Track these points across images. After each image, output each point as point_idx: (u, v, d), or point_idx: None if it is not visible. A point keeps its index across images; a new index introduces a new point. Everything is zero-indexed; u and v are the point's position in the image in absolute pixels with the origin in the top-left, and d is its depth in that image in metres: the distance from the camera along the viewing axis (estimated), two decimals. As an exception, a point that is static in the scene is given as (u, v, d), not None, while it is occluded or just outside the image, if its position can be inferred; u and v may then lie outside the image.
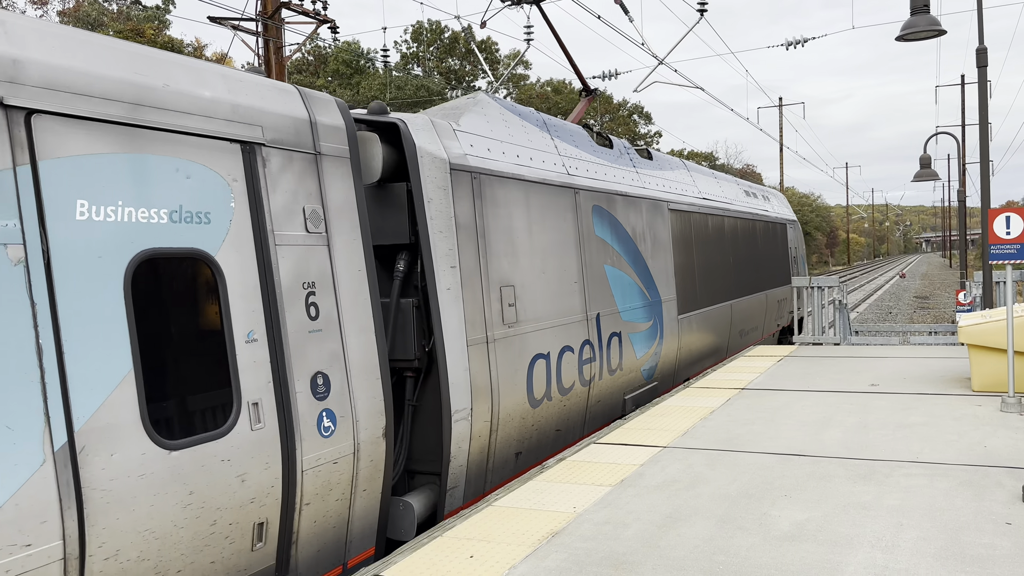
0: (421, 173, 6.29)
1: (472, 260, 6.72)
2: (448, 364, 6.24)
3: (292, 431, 4.79)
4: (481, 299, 6.77)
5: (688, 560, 4.58)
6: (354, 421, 5.27)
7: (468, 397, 6.44)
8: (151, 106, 4.26)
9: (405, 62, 50.31)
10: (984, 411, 8.11)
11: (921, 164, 20.96)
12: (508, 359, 7.06)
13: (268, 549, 4.68)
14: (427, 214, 6.28)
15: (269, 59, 17.54)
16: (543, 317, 7.70)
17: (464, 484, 6.55)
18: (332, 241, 5.33)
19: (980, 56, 14.09)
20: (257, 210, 4.81)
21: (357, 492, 5.32)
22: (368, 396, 5.41)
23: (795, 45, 24.98)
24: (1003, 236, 8.29)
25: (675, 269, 11.18)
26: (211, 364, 4.42)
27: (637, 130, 58.24)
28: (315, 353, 5.04)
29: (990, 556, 4.46)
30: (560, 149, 8.85)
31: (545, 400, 7.65)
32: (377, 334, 5.58)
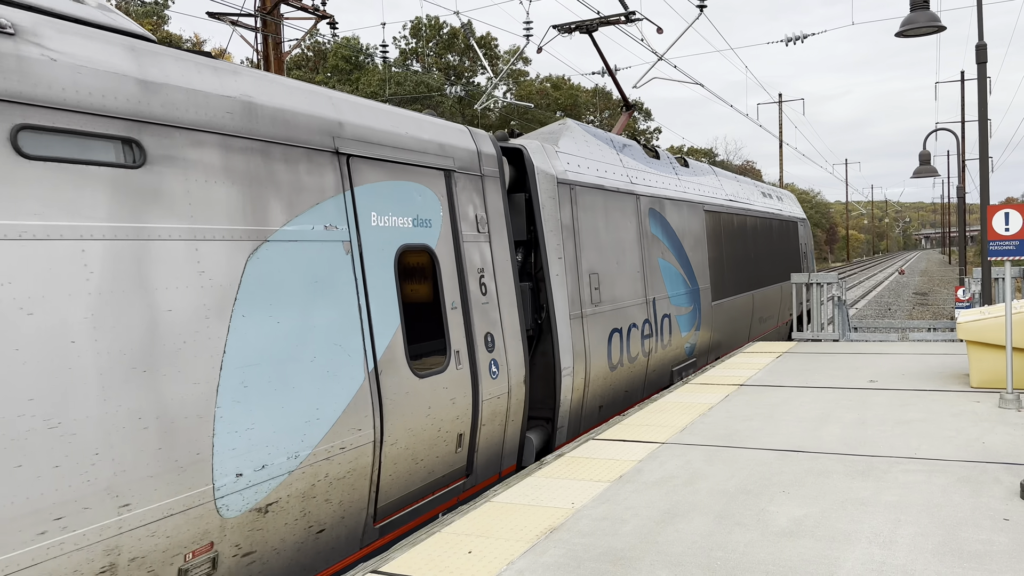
0: (537, 186, 8.14)
1: (571, 253, 8.58)
2: (558, 333, 8.15)
3: (476, 373, 6.69)
4: (576, 284, 8.62)
5: (686, 556, 4.58)
6: (507, 370, 7.18)
7: (571, 359, 8.34)
8: (402, 148, 6.18)
9: (404, 58, 50.26)
10: (982, 407, 8.12)
11: (921, 160, 20.96)
12: (594, 331, 8.88)
13: (462, 454, 6.58)
14: (541, 217, 8.13)
15: (268, 55, 17.51)
16: (616, 299, 9.51)
17: (567, 426, 8.39)
18: (491, 238, 7.28)
19: (979, 52, 14.08)
20: (453, 217, 6.70)
21: (508, 421, 7.26)
22: (515, 352, 7.33)
23: (795, 41, 24.97)
24: (1002, 232, 8.29)
25: (709, 262, 12.85)
26: (436, 323, 6.30)
27: (636, 126, 58.21)
28: (485, 319, 6.93)
29: (988, 552, 4.47)
30: (624, 162, 10.68)
31: (619, 365, 9.51)
32: (518, 308, 7.50)
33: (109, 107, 4.10)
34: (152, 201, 4.26)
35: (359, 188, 5.66)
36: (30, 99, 3.75)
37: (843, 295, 14.48)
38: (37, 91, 3.78)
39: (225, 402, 4.45)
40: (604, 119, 57.89)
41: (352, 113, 5.76)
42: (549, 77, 55.90)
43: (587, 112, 56.05)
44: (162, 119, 4.37)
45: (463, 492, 6.76)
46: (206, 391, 4.34)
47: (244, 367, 4.59)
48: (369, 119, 5.92)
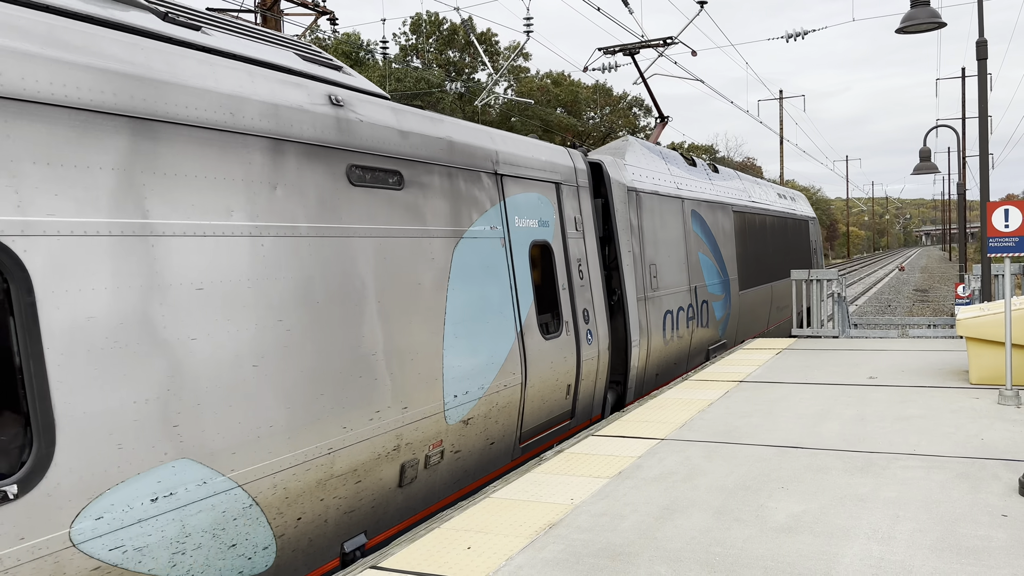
0: (612, 193, 9.94)
1: (637, 247, 10.42)
2: (629, 312, 10.00)
3: (579, 339, 8.60)
4: (640, 272, 10.44)
5: (685, 551, 4.59)
6: (598, 338, 9.07)
7: (638, 333, 10.21)
8: (530, 167, 8.15)
9: (404, 54, 50.19)
10: (981, 404, 8.13)
11: (921, 157, 20.94)
12: (654, 312, 10.75)
13: (568, 400, 8.52)
14: (616, 218, 9.93)
15: (268, 51, 17.47)
16: (668, 286, 11.34)
17: (634, 388, 10.23)
18: (584, 236, 9.16)
19: (980, 49, 14.07)
20: (561, 218, 8.63)
21: (597, 379, 9.14)
22: (602, 325, 9.25)
23: (795, 38, 24.92)
24: (1002, 229, 8.29)
25: (736, 256, 14.52)
26: (553, 299, 8.30)
27: (637, 123, 58.15)
28: (583, 298, 8.85)
29: (986, 548, 4.48)
30: (671, 170, 12.39)
31: (671, 341, 11.37)
32: (603, 290, 9.46)
33: (387, 150, 6.04)
34: (409, 211, 6.20)
35: (508, 199, 7.66)
36: (352, 147, 5.68)
37: (843, 292, 14.48)
38: (354, 141, 5.71)
39: (447, 346, 6.42)
40: (604, 115, 57.84)
41: (502, 143, 7.78)
42: (550, 73, 55.83)
43: (587, 109, 56.00)
44: (410, 156, 6.28)
45: (568, 430, 8.75)
46: (438, 338, 6.33)
47: (455, 323, 6.55)
48: (511, 147, 7.95)
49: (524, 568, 4.46)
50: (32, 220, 3.71)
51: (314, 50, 6.50)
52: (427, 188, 6.43)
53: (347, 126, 5.67)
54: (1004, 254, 8.25)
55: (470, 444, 6.76)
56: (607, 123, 56.84)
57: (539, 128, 46.37)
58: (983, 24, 14.22)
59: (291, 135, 5.23)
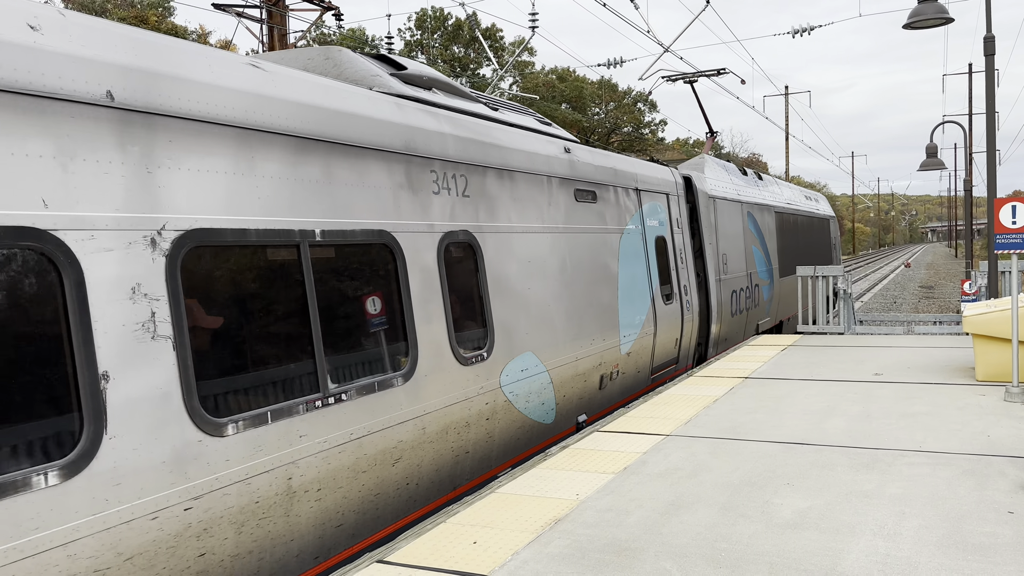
0: (699, 199, 13.12)
1: (713, 240, 13.46)
2: (711, 290, 13.07)
3: (682, 306, 11.76)
4: (716, 259, 13.45)
5: (690, 547, 4.60)
6: (693, 307, 12.25)
7: (717, 306, 13.27)
8: (653, 182, 11.19)
9: (409, 49, 50.14)
10: (988, 401, 8.11)
11: (927, 153, 20.87)
12: (725, 291, 13.79)
13: (675, 351, 11.57)
14: (701, 218, 13.12)
15: (273, 46, 17.49)
16: (733, 272, 14.32)
17: (712, 349, 13.19)
18: (683, 231, 12.30)
19: (987, 44, 14.00)
20: (670, 218, 11.69)
21: (692, 337, 12.29)
22: (694, 298, 12.41)
23: (801, 33, 24.84)
24: (1009, 225, 8.26)
25: (776, 249, 17.62)
26: (667, 277, 11.22)
27: (642, 118, 58.02)
28: (684, 276, 12.03)
29: (992, 545, 4.47)
30: (732, 180, 15.43)
31: (735, 315, 14.35)
32: (695, 272, 12.63)
33: (589, 178, 9.27)
34: (599, 216, 9.43)
35: (644, 206, 10.85)
36: (575, 177, 8.90)
37: (848, 288, 14.45)
38: (576, 174, 8.92)
39: (620, 303, 9.66)
40: (609, 111, 57.73)
41: (639, 168, 11.04)
42: (555, 69, 55.72)
43: (592, 104, 55.88)
44: (600, 181, 9.57)
45: (675, 371, 11.81)
46: (615, 298, 9.56)
47: (622, 289, 9.74)
48: (644, 170, 11.19)
49: (530, 563, 4.46)
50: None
51: (539, 116, 10.11)
52: (606, 201, 9.72)
53: (573, 165, 8.99)
54: (1012, 251, 8.22)
55: (629, 369, 10.02)
56: (612, 119, 56.74)
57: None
58: (991, 19, 14.15)
59: (554, 173, 8.51)
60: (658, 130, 60.26)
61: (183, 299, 4.24)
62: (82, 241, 3.77)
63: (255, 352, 4.72)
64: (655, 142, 60.30)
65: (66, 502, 3.56)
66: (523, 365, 7.38)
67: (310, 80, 5.53)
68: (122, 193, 4.01)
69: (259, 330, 4.77)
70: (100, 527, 3.68)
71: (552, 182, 8.36)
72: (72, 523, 3.57)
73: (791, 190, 21.11)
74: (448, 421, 6.31)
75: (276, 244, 4.90)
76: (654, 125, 59.65)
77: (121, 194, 4.00)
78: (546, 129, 9.44)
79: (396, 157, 6.10)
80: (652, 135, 59.76)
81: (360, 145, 5.74)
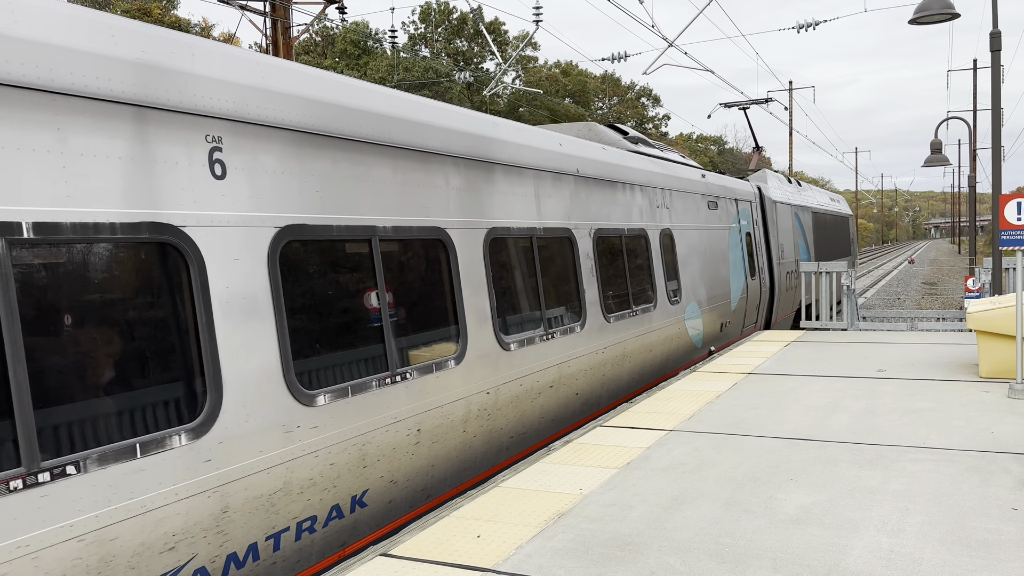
0: (765, 204, 17.32)
1: (774, 235, 17.54)
2: (774, 272, 17.41)
3: (760, 282, 16.28)
4: (777, 249, 17.52)
5: (694, 542, 4.60)
6: (767, 284, 16.88)
7: (779, 283, 17.58)
8: (743, 193, 15.82)
9: (413, 43, 50.06)
10: (992, 397, 8.10)
11: (932, 149, 20.81)
12: (782, 273, 17.88)
13: (755, 315, 16.08)
14: (766, 218, 17.25)
15: (277, 39, 17.46)
16: (786, 259, 18.41)
17: (772, 319, 17.34)
18: (759, 228, 16.65)
19: (993, 40, 13.95)
20: (752, 218, 16.16)
21: (762, 305, 16.54)
22: (765, 276, 16.72)
23: (806, 28, 24.76)
24: (1014, 222, 8.24)
25: (813, 242, 21.80)
26: (752, 259, 15.77)
27: (645, 113, 57.92)
28: (761, 259, 16.49)
29: (996, 541, 4.47)
30: (782, 187, 19.26)
31: (787, 291, 18.47)
32: (767, 257, 17.14)
33: (712, 192, 13.72)
34: (718, 217, 13.81)
35: (739, 209, 15.05)
36: (706, 193, 13.37)
37: (852, 284, 14.44)
38: (706, 191, 13.49)
39: (730, 276, 14.12)
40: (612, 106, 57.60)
41: (734, 184, 15.20)
42: (558, 63, 55.59)
43: (596, 99, 55.78)
44: (717, 194, 13.90)
45: (754, 328, 15.94)
46: (727, 272, 13.92)
47: (731, 268, 14.16)
48: (738, 185, 15.41)
49: (533, 557, 4.47)
50: None
51: (674, 150, 14.31)
52: (719, 207, 13.87)
53: (705, 184, 13.35)
54: (1016, 247, 8.20)
55: (734, 322, 14.31)
56: (615, 113, 56.63)
57: (547, 118, 46.22)
58: (997, 15, 14.10)
59: (696, 191, 12.75)
60: (661, 125, 60.14)
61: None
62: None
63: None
64: (658, 137, 60.22)
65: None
66: (691, 309, 11.99)
67: (594, 146, 9.72)
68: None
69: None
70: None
71: (698, 198, 12.91)
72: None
73: (821, 194, 26.15)
74: (667, 334, 11.04)
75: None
76: (657, 120, 59.55)
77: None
78: (689, 161, 14.35)
79: (640, 187, 10.60)
80: (655, 130, 59.66)
81: (625, 182, 10.16)
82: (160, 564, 4.00)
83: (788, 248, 18.70)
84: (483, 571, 4.33)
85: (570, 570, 4.29)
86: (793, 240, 19.24)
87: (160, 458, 4.02)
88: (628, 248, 9.86)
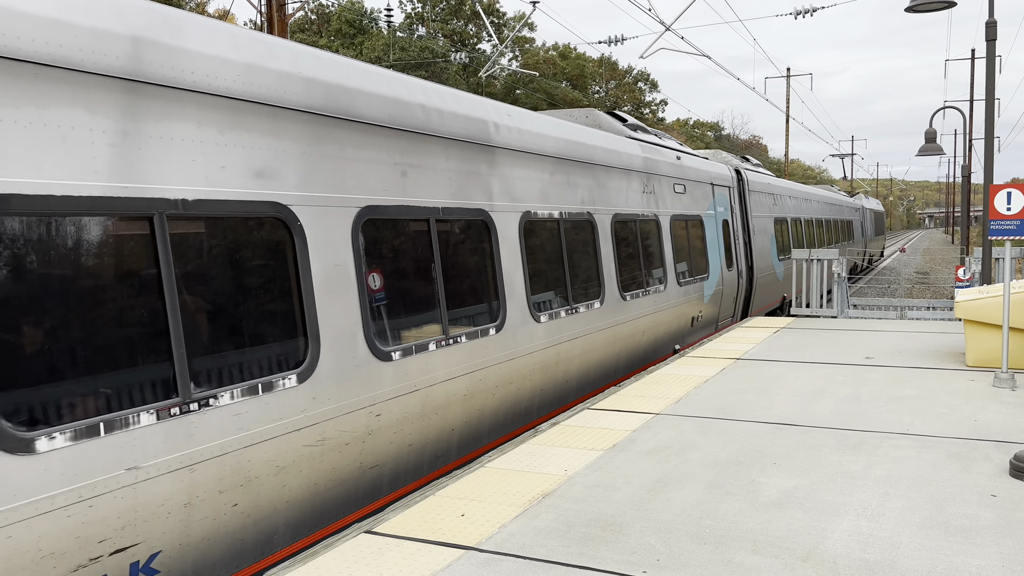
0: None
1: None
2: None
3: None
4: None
5: (676, 523, 4.64)
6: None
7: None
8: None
9: (410, 22, 49.70)
10: (977, 386, 8.16)
11: (926, 138, 20.82)
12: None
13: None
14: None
15: (272, 17, 17.30)
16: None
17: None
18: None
19: (989, 29, 13.93)
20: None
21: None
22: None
23: (804, 14, 24.69)
24: (1004, 212, 8.27)
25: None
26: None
27: (642, 98, 57.72)
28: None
29: (974, 527, 4.52)
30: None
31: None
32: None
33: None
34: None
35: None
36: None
37: (843, 271, 14.48)
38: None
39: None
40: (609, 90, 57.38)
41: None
42: (555, 46, 55.29)
43: (593, 83, 55.56)
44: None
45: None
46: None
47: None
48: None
49: (516, 536, 4.50)
50: None
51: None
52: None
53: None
54: (1005, 237, 8.23)
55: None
56: (612, 97, 56.42)
57: (544, 102, 46.03)
58: (993, 4, 14.06)
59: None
60: (658, 110, 59.96)
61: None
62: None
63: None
64: (655, 122, 60.02)
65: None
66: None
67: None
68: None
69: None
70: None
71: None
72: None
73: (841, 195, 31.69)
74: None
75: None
76: (655, 105, 59.36)
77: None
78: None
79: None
80: (652, 115, 59.48)
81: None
82: None
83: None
84: (466, 549, 4.36)
85: (552, 549, 4.32)
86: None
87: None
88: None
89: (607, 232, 9.69)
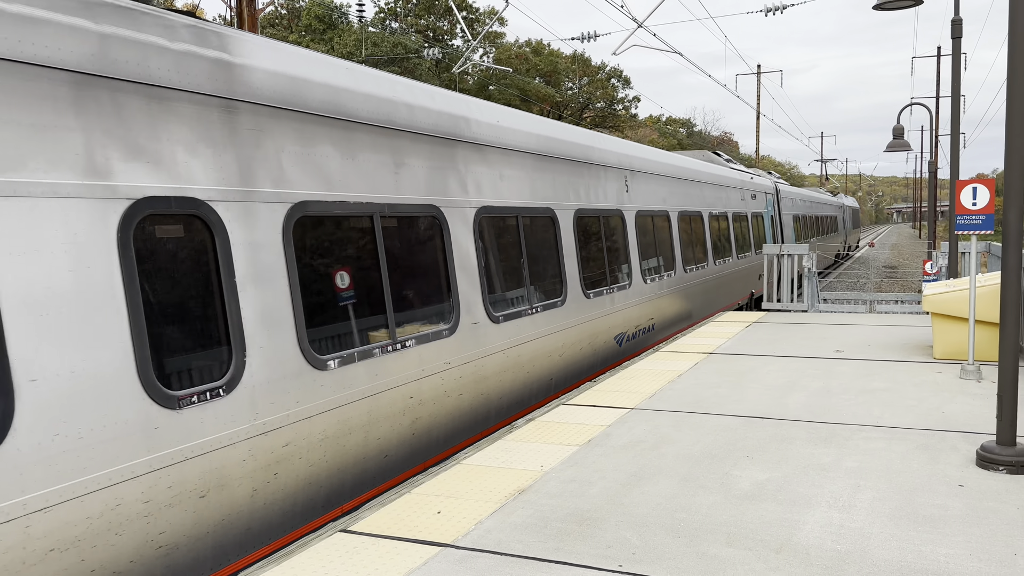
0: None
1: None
2: None
3: None
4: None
5: (650, 517, 4.68)
6: None
7: None
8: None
9: (383, 17, 49.40)
10: (944, 378, 8.31)
11: (894, 134, 21.10)
12: None
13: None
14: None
15: (242, 12, 17.11)
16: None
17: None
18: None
19: (955, 27, 14.15)
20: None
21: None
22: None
23: (774, 12, 24.90)
24: (969, 207, 8.40)
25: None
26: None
27: (615, 94, 57.88)
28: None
29: (942, 516, 4.60)
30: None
31: None
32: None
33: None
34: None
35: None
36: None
37: (813, 266, 14.65)
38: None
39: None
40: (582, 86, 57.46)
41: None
42: (528, 42, 55.25)
43: (566, 79, 55.59)
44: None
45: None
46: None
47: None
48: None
49: (493, 532, 4.51)
50: None
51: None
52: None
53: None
54: (971, 231, 8.37)
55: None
56: (585, 93, 56.53)
57: (517, 98, 46.01)
58: (958, 2, 14.29)
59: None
60: (631, 107, 60.16)
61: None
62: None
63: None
64: (628, 118, 60.21)
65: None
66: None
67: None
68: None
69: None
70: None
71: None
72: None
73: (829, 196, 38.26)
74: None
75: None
76: (627, 101, 59.53)
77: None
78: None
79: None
80: (625, 111, 59.68)
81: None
82: None
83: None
84: (442, 546, 4.36)
85: (528, 544, 4.33)
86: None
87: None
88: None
89: (729, 221, 17.10)
